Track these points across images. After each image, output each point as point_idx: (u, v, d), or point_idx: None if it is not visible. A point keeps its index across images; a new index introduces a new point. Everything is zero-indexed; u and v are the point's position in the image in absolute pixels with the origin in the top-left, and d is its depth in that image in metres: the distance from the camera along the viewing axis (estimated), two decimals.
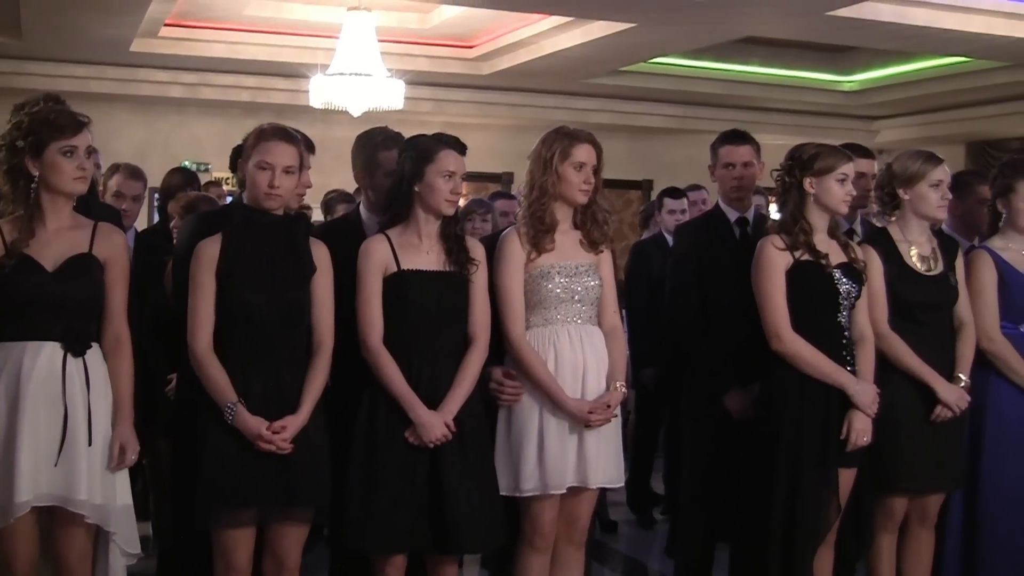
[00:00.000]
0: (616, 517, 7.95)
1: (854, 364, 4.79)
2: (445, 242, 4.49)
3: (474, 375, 4.45)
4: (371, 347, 4.37)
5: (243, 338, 4.20)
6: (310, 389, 4.26)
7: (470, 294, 4.48)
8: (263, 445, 4.12)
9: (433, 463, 4.35)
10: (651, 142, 14.19)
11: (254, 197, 4.27)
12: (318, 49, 10.32)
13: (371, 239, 4.51)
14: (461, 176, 4.50)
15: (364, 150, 4.92)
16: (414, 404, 4.32)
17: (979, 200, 5.60)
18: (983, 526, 5.11)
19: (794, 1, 8.45)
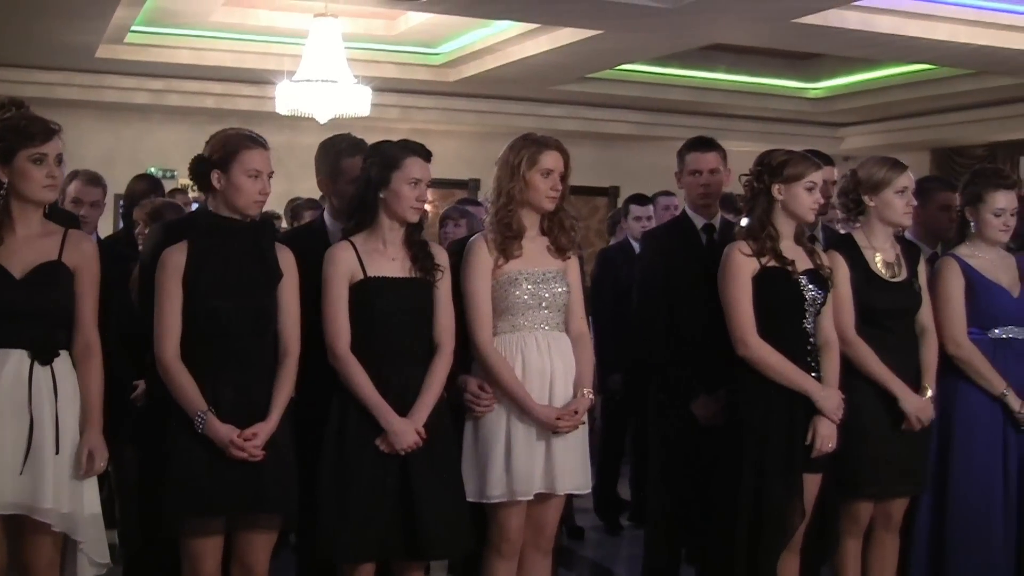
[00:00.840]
0: (583, 523, 7.95)
1: (819, 370, 4.81)
2: (410, 249, 4.49)
3: (441, 381, 4.44)
4: (339, 355, 4.36)
5: (211, 346, 4.18)
6: (279, 396, 4.25)
7: (435, 300, 4.47)
8: (235, 452, 4.11)
9: (403, 470, 4.34)
10: (618, 149, 14.21)
11: (239, 205, 4.25)
12: (284, 56, 10.32)
13: (336, 246, 4.49)
14: (427, 183, 4.50)
15: (327, 157, 4.91)
16: (385, 412, 4.31)
17: (941, 207, 5.65)
18: (951, 531, 5.13)
19: (760, 8, 8.48)
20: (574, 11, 8.80)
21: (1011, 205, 5.18)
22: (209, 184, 4.26)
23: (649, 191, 8.50)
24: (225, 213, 4.27)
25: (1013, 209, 5.19)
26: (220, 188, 4.24)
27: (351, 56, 9.56)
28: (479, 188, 12.98)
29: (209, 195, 4.32)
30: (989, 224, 5.20)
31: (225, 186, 4.24)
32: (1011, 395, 5.11)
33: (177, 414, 4.14)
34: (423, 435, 4.33)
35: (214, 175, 4.23)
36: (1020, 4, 9.25)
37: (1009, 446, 5.14)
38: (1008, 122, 12.89)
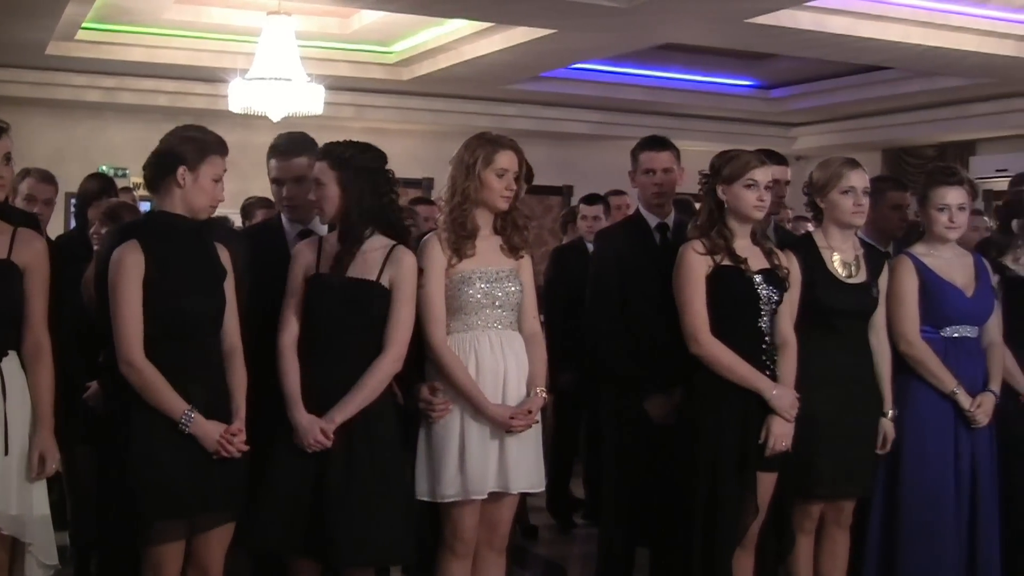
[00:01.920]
0: (537, 522, 7.96)
1: (775, 369, 4.84)
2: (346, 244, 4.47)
3: (376, 384, 4.38)
4: (279, 346, 4.40)
5: (177, 346, 4.16)
6: (240, 392, 4.29)
7: (392, 302, 4.44)
8: (226, 450, 4.13)
9: (319, 471, 4.32)
10: (572, 148, 14.22)
11: (198, 206, 4.25)
12: (238, 53, 10.25)
13: (305, 241, 4.55)
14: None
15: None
16: (293, 407, 4.32)
17: (892, 206, 5.69)
18: (902, 528, 5.17)
19: (714, 8, 8.50)
20: (528, 10, 8.80)
21: (956, 201, 5.21)
22: (168, 181, 4.21)
23: (603, 190, 8.52)
24: (179, 212, 4.24)
25: (959, 205, 5.22)
26: (184, 186, 4.20)
27: (305, 54, 9.51)
28: (432, 187, 12.95)
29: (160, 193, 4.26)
30: (936, 221, 5.24)
31: (189, 185, 4.21)
32: (961, 393, 5.15)
33: (141, 416, 4.10)
34: (330, 436, 4.29)
35: (180, 171, 4.19)
36: (970, 6, 9.33)
37: (960, 444, 5.18)
38: (958, 122, 13.00)
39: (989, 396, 5.19)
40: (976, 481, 5.20)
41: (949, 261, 5.28)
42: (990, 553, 5.20)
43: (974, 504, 5.20)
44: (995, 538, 5.22)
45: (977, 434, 5.20)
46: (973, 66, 10.35)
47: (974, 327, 5.27)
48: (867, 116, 13.71)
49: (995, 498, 5.24)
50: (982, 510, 5.19)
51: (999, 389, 5.25)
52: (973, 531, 5.19)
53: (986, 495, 5.21)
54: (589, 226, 7.90)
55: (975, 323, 5.27)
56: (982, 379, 5.24)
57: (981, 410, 5.15)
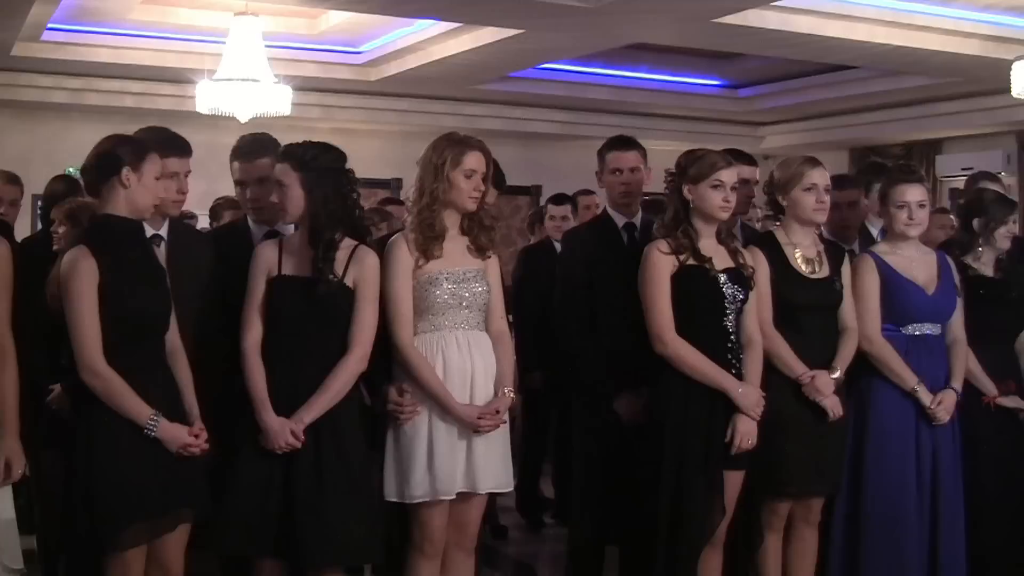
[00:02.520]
0: (506, 522, 7.97)
1: (740, 368, 4.85)
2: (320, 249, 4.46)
3: (341, 384, 4.40)
4: (243, 348, 4.39)
5: (134, 348, 4.15)
6: (189, 390, 4.30)
7: (356, 303, 4.45)
8: (190, 451, 4.13)
9: (287, 472, 4.33)
10: (540, 148, 14.22)
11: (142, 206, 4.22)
12: (205, 54, 10.21)
13: (264, 243, 4.54)
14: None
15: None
16: (261, 409, 4.32)
17: (846, 203, 5.72)
18: (865, 525, 5.20)
19: (681, 8, 8.52)
20: (496, 10, 8.80)
21: (915, 199, 5.25)
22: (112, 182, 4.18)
23: (571, 190, 8.53)
24: (123, 213, 4.21)
25: (919, 202, 5.26)
26: (128, 186, 4.17)
27: (272, 55, 9.49)
28: (401, 187, 12.94)
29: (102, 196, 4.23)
30: (895, 218, 5.28)
31: (134, 185, 4.18)
32: (922, 390, 5.17)
33: (102, 420, 4.08)
34: (300, 437, 4.30)
35: (124, 172, 4.16)
36: (935, 5, 9.38)
37: (922, 441, 5.21)
38: (924, 121, 13.06)
39: (950, 393, 5.23)
40: (938, 478, 5.23)
41: (911, 259, 5.32)
42: (952, 549, 5.23)
43: (936, 500, 5.22)
44: (958, 535, 5.25)
45: (939, 431, 5.23)
46: (939, 65, 10.40)
47: (936, 325, 5.30)
48: (834, 115, 13.76)
49: (958, 495, 5.28)
50: (944, 507, 5.22)
51: (961, 386, 5.28)
52: (935, 527, 5.22)
53: (948, 492, 5.24)
54: (557, 226, 7.91)
55: (937, 321, 5.30)
56: (944, 377, 5.27)
57: (942, 407, 5.18)
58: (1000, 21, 9.59)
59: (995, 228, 5.55)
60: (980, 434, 5.39)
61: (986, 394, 5.44)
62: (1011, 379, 5.53)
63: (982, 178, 6.47)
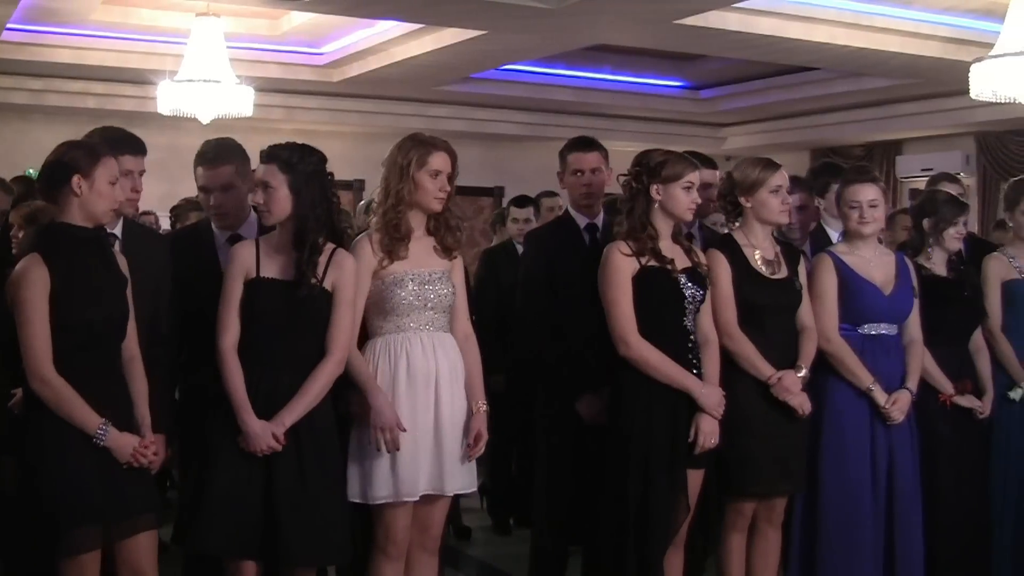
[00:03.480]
0: (471, 523, 7.97)
1: (700, 367, 4.88)
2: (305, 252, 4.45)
3: (320, 387, 4.40)
4: (221, 350, 4.36)
5: (86, 357, 4.11)
6: (143, 399, 4.27)
7: (334, 306, 4.44)
8: (139, 461, 4.11)
9: (267, 473, 4.32)
10: (503, 149, 14.24)
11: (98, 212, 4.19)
12: (166, 55, 10.18)
13: (241, 243, 4.51)
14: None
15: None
16: (243, 413, 4.30)
17: (798, 206, 5.76)
18: (822, 524, 5.23)
19: (643, 9, 8.54)
20: (458, 11, 8.80)
21: (867, 198, 5.29)
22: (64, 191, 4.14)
23: (535, 191, 8.54)
24: (78, 222, 4.17)
25: (870, 202, 5.29)
26: (80, 194, 4.13)
27: (234, 56, 9.47)
28: (364, 189, 12.93)
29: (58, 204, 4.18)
30: (848, 218, 5.32)
31: (86, 193, 4.15)
32: (877, 390, 5.20)
33: (52, 425, 4.05)
34: (282, 440, 4.30)
35: (75, 180, 4.12)
36: (895, 7, 9.44)
37: (877, 440, 5.24)
38: (884, 122, 13.16)
39: (904, 393, 5.25)
40: (894, 477, 5.25)
41: (869, 259, 5.35)
42: (909, 549, 5.26)
43: (892, 500, 5.25)
44: (915, 534, 5.28)
45: (895, 431, 5.26)
46: (898, 67, 10.47)
47: (892, 325, 5.33)
48: (796, 116, 13.84)
49: (916, 495, 5.31)
50: (900, 506, 5.25)
51: (916, 387, 5.32)
52: (891, 527, 5.25)
53: (904, 491, 5.27)
54: (520, 228, 7.92)
55: (893, 321, 5.33)
56: (900, 376, 5.30)
57: (896, 407, 5.21)
58: (958, 24, 9.67)
59: (944, 229, 5.58)
60: (937, 433, 5.44)
61: (942, 393, 5.48)
62: (967, 378, 5.57)
63: (942, 179, 6.52)
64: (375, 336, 4.60)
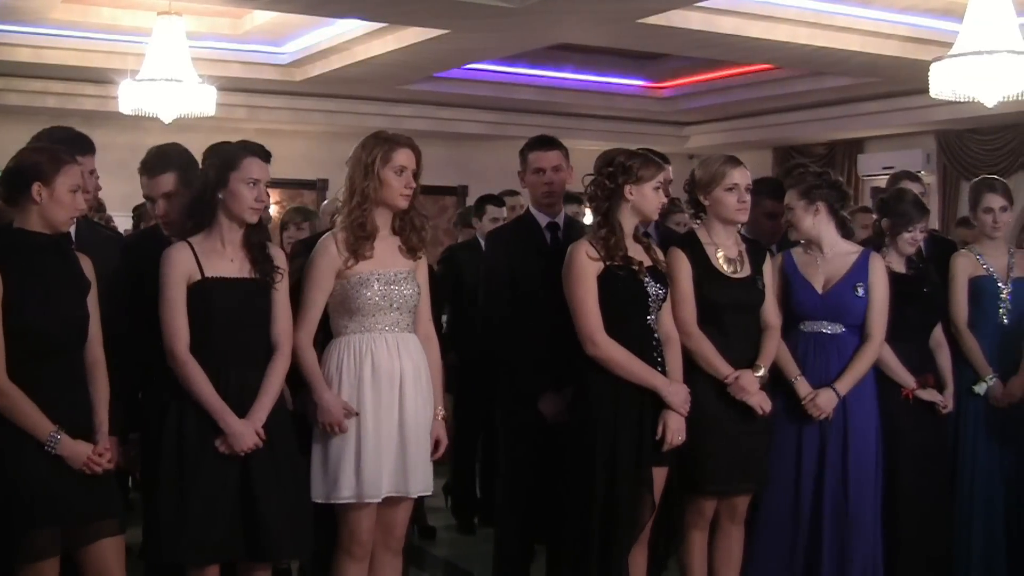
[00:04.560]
0: (436, 523, 7.97)
1: (664, 364, 4.89)
2: (249, 250, 4.47)
3: (279, 382, 4.44)
4: (178, 357, 4.31)
5: (41, 364, 4.08)
6: (103, 406, 4.24)
7: (273, 302, 4.46)
8: (93, 468, 4.08)
9: (244, 471, 4.32)
10: (466, 148, 14.25)
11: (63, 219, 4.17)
12: (127, 54, 10.13)
13: (172, 247, 4.44)
14: (265, 184, 4.48)
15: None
16: (224, 414, 4.28)
17: (767, 213, 5.78)
18: (756, 522, 5.29)
19: (605, 8, 8.56)
20: (420, 10, 8.80)
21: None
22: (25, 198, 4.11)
23: (497, 190, 8.54)
24: (37, 228, 4.14)
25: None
26: (40, 202, 4.10)
27: (196, 55, 9.41)
28: (327, 188, 12.91)
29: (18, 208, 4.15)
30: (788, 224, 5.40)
31: (46, 201, 4.12)
32: (801, 382, 5.23)
33: (7, 429, 4.02)
34: (262, 436, 4.31)
35: (35, 188, 4.09)
36: (855, 7, 9.50)
37: (804, 436, 5.27)
38: (846, 121, 13.24)
39: (827, 391, 5.24)
40: (823, 475, 5.27)
41: (819, 258, 5.36)
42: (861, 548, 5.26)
43: (819, 497, 5.27)
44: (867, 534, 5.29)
45: (831, 428, 5.28)
46: (859, 65, 10.53)
47: (834, 324, 5.34)
48: (758, 115, 13.91)
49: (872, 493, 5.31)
50: (827, 502, 5.26)
51: (845, 389, 5.27)
52: (818, 523, 5.27)
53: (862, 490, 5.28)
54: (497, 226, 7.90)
55: (830, 319, 5.33)
56: (836, 373, 5.30)
57: (814, 403, 5.22)
58: (918, 23, 9.74)
59: (899, 231, 5.62)
60: (899, 429, 5.46)
61: (905, 387, 5.52)
62: (929, 373, 5.61)
63: (904, 177, 6.55)
64: (339, 336, 4.60)
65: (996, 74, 6.99)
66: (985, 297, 5.92)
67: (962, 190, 12.55)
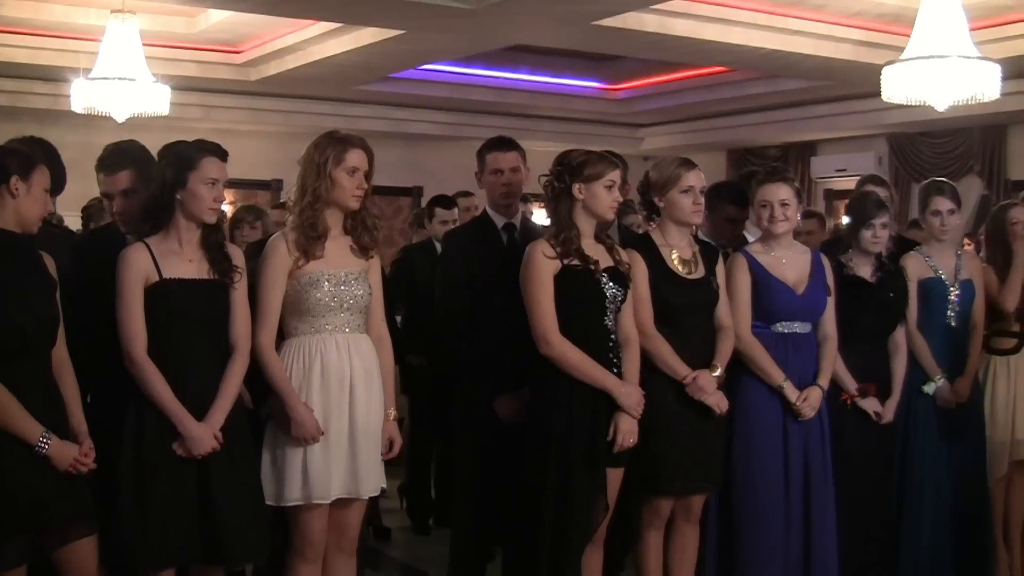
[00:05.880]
0: (391, 524, 7.96)
1: (620, 366, 4.91)
2: (207, 250, 4.44)
3: (237, 384, 4.42)
4: (136, 359, 4.28)
5: (18, 364, 4.05)
6: (76, 405, 4.23)
7: (231, 302, 4.44)
8: (79, 469, 4.07)
9: (202, 474, 4.30)
10: (421, 149, 14.24)
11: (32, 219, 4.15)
12: (80, 52, 10.05)
13: (129, 248, 4.41)
14: (224, 183, 4.46)
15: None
16: (182, 417, 4.26)
17: (727, 219, 5.82)
18: (736, 520, 5.28)
19: (560, 10, 8.58)
20: (376, 11, 8.79)
21: (778, 197, 5.35)
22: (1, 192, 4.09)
23: (453, 191, 8.54)
24: (10, 227, 4.12)
25: (782, 201, 5.36)
26: (17, 196, 4.09)
27: (150, 54, 9.37)
28: (282, 188, 12.87)
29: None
30: (760, 217, 5.39)
31: (23, 195, 4.11)
32: (788, 387, 5.26)
33: None
34: (220, 439, 4.30)
35: (13, 180, 4.08)
36: (809, 11, 9.56)
37: (790, 438, 5.29)
38: (799, 123, 13.32)
39: (815, 390, 5.32)
40: (809, 475, 5.32)
41: (783, 259, 5.41)
42: (824, 549, 5.32)
43: (808, 498, 5.32)
44: (829, 531, 5.34)
45: (809, 429, 5.33)
46: (812, 69, 10.60)
47: (805, 323, 5.40)
48: (712, 117, 13.97)
49: (829, 491, 5.37)
50: (816, 504, 5.31)
51: (828, 383, 5.39)
52: (808, 525, 5.32)
53: (819, 489, 5.34)
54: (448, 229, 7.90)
55: (806, 319, 5.40)
56: (812, 373, 5.37)
57: (807, 403, 5.27)
58: (871, 27, 9.82)
59: (858, 230, 5.68)
60: (845, 430, 5.52)
61: (845, 392, 5.57)
62: (871, 382, 5.63)
63: (868, 181, 6.63)
64: (290, 337, 4.58)
65: (947, 79, 7.06)
66: (934, 299, 5.98)
67: (913, 192, 12.62)
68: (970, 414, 6.00)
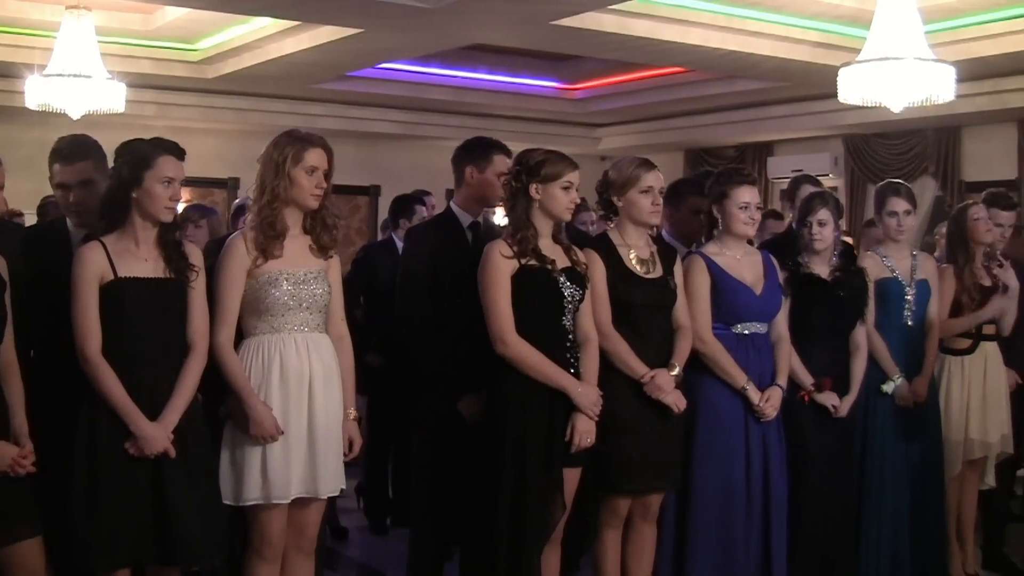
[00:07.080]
0: (348, 523, 7.94)
1: (578, 366, 4.91)
2: (164, 249, 4.42)
3: (193, 383, 4.39)
4: (90, 358, 4.26)
5: None
6: (20, 407, 4.21)
7: (189, 301, 4.42)
8: (16, 471, 4.05)
9: (156, 474, 4.27)
10: (379, 148, 14.19)
11: None
12: (35, 48, 9.95)
13: (85, 246, 4.38)
14: (180, 182, 4.44)
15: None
16: (135, 417, 4.23)
17: (692, 211, 5.84)
18: (696, 522, 5.31)
19: (519, 10, 8.57)
20: (334, 9, 8.76)
21: (754, 199, 5.40)
22: None
23: (410, 190, 8.53)
24: None
25: (757, 203, 5.40)
26: None
27: (105, 50, 9.29)
28: (238, 187, 12.81)
29: None
30: (735, 218, 5.39)
31: None
32: (751, 389, 5.30)
33: None
34: (173, 439, 4.27)
35: None
36: (767, 12, 9.59)
37: (752, 439, 5.34)
38: (756, 124, 13.35)
39: (776, 390, 5.37)
40: (769, 476, 5.36)
41: (739, 259, 5.44)
42: (780, 546, 5.36)
43: (768, 499, 5.36)
44: (783, 531, 5.39)
45: (768, 430, 5.37)
46: (770, 70, 10.64)
47: (764, 324, 5.44)
48: (670, 117, 13.99)
49: (784, 493, 5.41)
50: (775, 505, 5.35)
51: (786, 383, 5.43)
52: (767, 526, 5.35)
53: (778, 490, 5.37)
54: None
55: (764, 320, 5.44)
56: (770, 374, 5.41)
57: (769, 404, 5.32)
58: (827, 29, 9.85)
59: (800, 229, 5.72)
60: (802, 429, 5.56)
61: (802, 388, 5.60)
62: (827, 376, 5.66)
63: (802, 182, 6.71)
64: (249, 336, 4.57)
65: (902, 80, 7.11)
66: (891, 299, 6.03)
67: (869, 193, 12.72)
68: (927, 413, 6.06)
